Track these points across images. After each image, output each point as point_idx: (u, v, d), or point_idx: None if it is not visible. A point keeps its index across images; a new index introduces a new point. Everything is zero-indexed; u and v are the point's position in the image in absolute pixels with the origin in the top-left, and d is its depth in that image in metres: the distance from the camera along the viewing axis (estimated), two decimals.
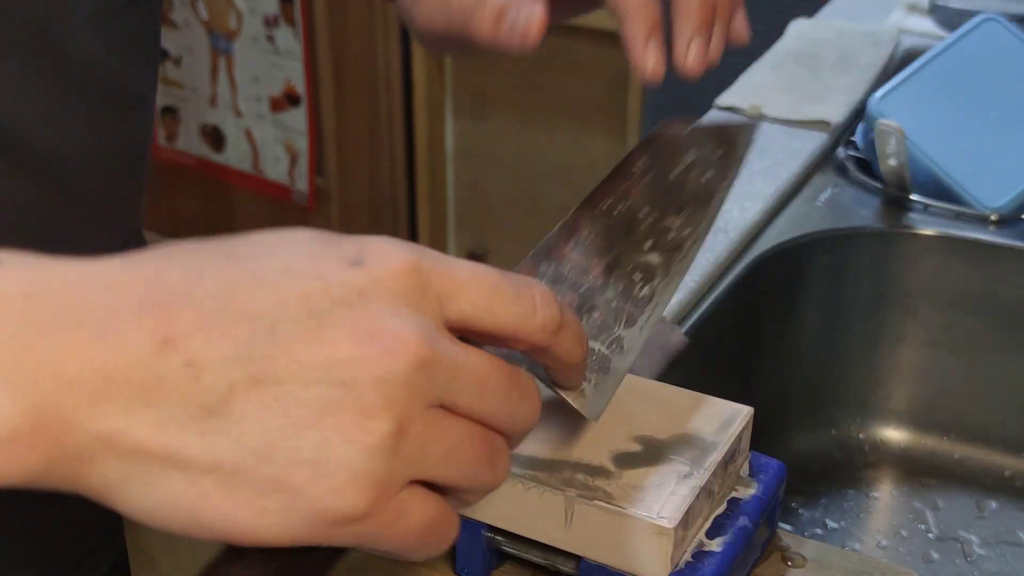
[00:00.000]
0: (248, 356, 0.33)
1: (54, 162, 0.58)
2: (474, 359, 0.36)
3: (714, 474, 0.47)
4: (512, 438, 0.38)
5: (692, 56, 0.51)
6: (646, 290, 0.48)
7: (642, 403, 0.51)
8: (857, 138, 0.98)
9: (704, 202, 0.52)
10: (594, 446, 0.48)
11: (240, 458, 0.33)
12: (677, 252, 0.50)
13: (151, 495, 0.34)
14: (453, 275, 0.37)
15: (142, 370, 0.33)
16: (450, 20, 0.53)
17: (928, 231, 0.88)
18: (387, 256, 0.36)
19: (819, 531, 0.83)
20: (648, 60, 0.51)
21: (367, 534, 0.35)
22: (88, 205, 0.62)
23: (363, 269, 0.35)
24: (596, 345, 0.44)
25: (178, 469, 0.33)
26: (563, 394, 0.43)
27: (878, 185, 0.92)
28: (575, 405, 0.43)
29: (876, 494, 0.87)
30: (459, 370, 0.35)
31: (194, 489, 0.34)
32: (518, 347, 0.38)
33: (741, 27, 0.55)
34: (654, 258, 0.49)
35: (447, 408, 0.36)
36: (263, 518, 0.34)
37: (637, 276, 0.48)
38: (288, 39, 2.36)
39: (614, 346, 0.45)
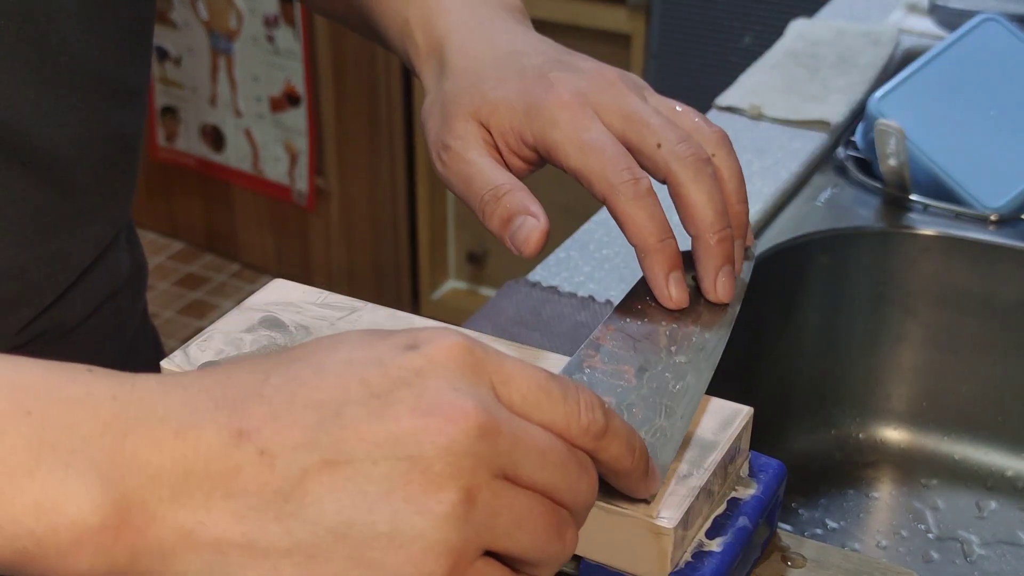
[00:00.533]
0: (317, 441, 0.35)
1: (45, 153, 0.59)
2: (533, 430, 0.37)
3: (714, 474, 0.47)
4: (575, 512, 0.39)
5: (721, 289, 0.55)
6: (680, 385, 0.50)
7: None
8: (857, 138, 0.98)
9: (718, 310, 0.55)
10: None
11: (318, 539, 0.35)
12: (702, 351, 0.52)
13: None
14: (504, 364, 0.38)
15: (219, 462, 0.35)
16: (468, 197, 0.55)
17: (928, 231, 0.88)
18: (440, 339, 0.37)
19: (819, 531, 0.83)
20: (671, 295, 0.54)
21: None
22: (80, 196, 0.62)
23: (418, 352, 0.37)
24: (640, 434, 0.45)
25: (258, 558, 0.35)
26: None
27: (878, 185, 0.92)
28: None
29: (876, 494, 0.87)
30: (519, 439, 0.37)
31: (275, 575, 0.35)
32: None
33: (750, 239, 0.59)
34: (681, 359, 0.51)
35: (510, 479, 0.37)
36: None
37: (668, 375, 0.50)
38: (288, 39, 2.36)
39: (657, 435, 0.47)
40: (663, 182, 0.54)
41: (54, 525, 0.34)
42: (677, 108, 0.56)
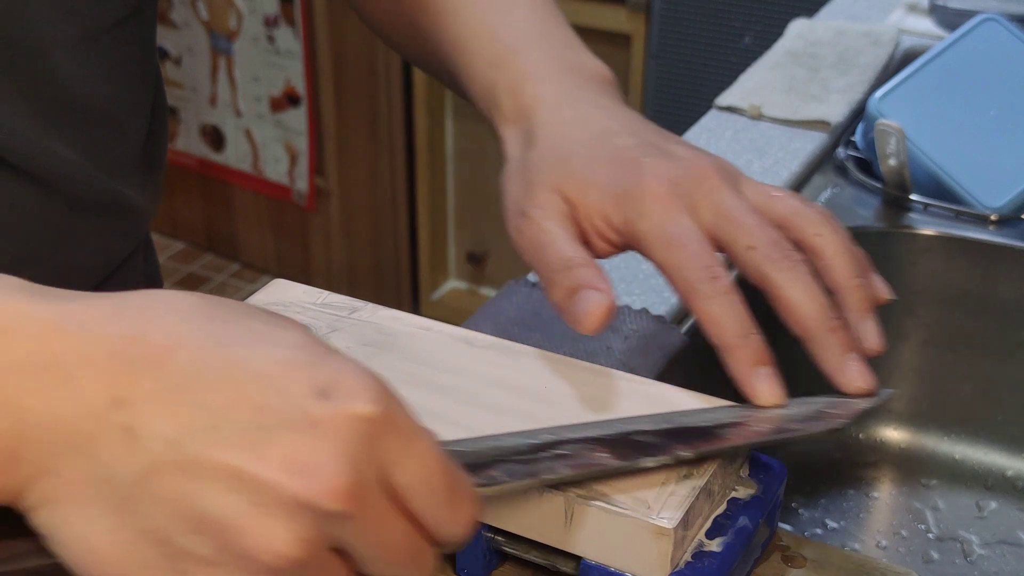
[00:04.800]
0: (184, 442, 0.35)
1: (49, 174, 0.58)
2: (392, 523, 0.37)
3: (714, 474, 0.47)
4: None
5: (857, 378, 0.52)
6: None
7: (642, 403, 0.51)
8: (857, 138, 0.98)
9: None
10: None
11: (137, 537, 0.35)
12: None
13: (59, 529, 0.36)
14: (408, 448, 0.37)
15: (89, 421, 0.35)
16: (537, 266, 0.54)
17: (928, 231, 0.88)
18: (355, 399, 0.36)
19: (819, 531, 0.83)
20: (760, 391, 0.51)
21: None
22: (92, 214, 0.61)
23: (326, 404, 0.36)
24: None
25: (85, 530, 0.36)
26: None
27: (878, 185, 0.92)
28: None
29: (876, 494, 0.87)
30: (374, 529, 0.36)
31: (89, 542, 0.36)
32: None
33: (879, 289, 0.55)
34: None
35: (350, 559, 0.37)
36: None
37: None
38: (288, 39, 2.36)
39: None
40: (758, 286, 0.53)
41: None
42: (773, 194, 0.54)
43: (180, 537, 0.35)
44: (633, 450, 0.46)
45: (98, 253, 0.64)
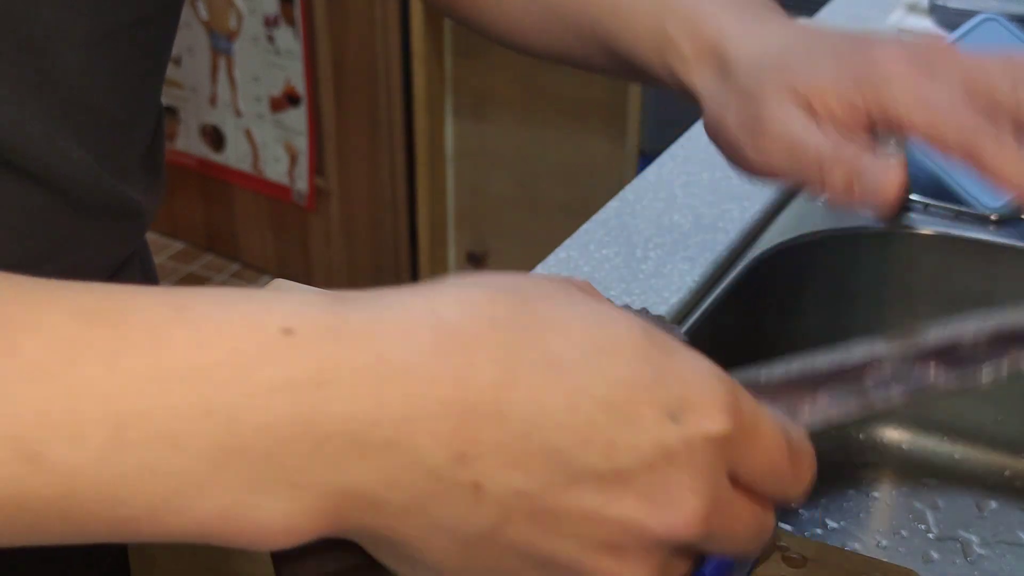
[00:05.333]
0: (536, 493, 0.32)
1: (57, 176, 0.58)
2: (735, 526, 0.35)
3: None
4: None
5: None
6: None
7: None
8: None
9: None
10: None
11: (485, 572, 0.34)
12: None
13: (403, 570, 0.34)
14: (756, 441, 0.35)
15: (429, 482, 0.32)
16: (797, 167, 0.52)
17: (928, 231, 0.88)
18: (707, 417, 0.33)
19: (819, 531, 0.83)
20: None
21: None
22: (95, 217, 0.61)
23: (679, 428, 0.33)
24: None
25: (431, 571, 0.34)
26: None
27: None
28: None
29: (876, 494, 0.87)
30: (724, 530, 0.35)
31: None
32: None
33: None
34: None
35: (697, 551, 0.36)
36: None
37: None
38: (288, 39, 2.35)
39: None
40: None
41: (240, 529, 0.32)
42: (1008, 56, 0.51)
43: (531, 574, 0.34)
44: (965, 361, 0.43)
45: (100, 256, 0.64)
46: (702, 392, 0.34)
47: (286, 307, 0.33)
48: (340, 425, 0.31)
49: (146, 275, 0.72)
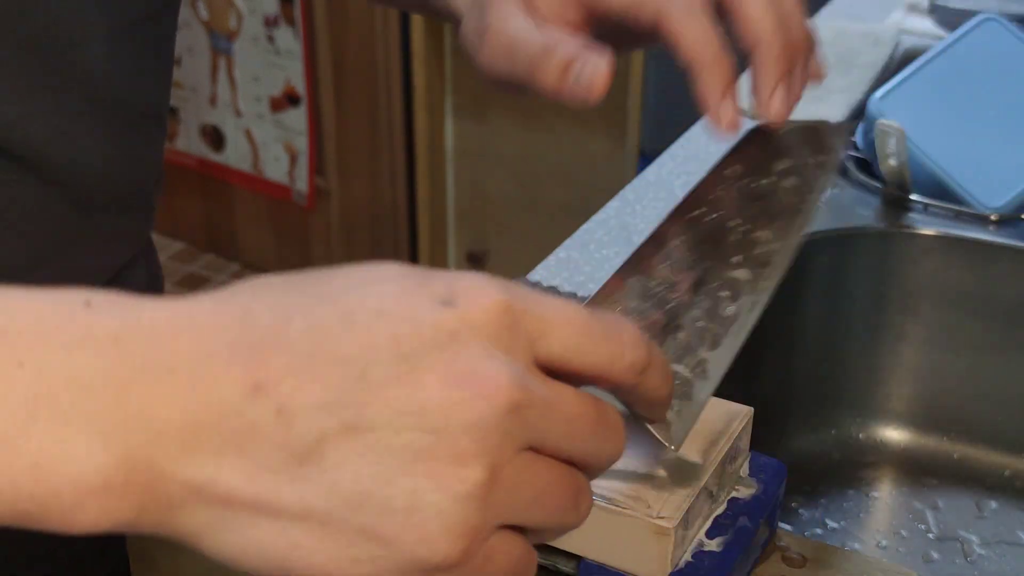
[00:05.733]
0: (339, 402, 0.33)
1: (65, 173, 0.58)
2: (564, 398, 0.36)
3: (714, 474, 0.47)
4: (594, 474, 0.38)
5: (777, 106, 0.53)
6: (732, 308, 0.47)
7: None
8: (857, 138, 0.98)
9: (794, 213, 0.51)
10: None
11: (331, 507, 0.33)
12: (765, 267, 0.49)
13: (241, 542, 0.34)
14: (543, 315, 0.36)
15: (233, 418, 0.33)
16: (515, 67, 0.53)
17: (928, 231, 0.88)
18: (478, 295, 0.35)
19: (819, 531, 0.83)
20: (724, 115, 0.51)
21: None
22: (100, 215, 0.61)
23: (454, 310, 0.34)
24: (680, 369, 0.44)
25: (268, 518, 0.33)
26: (647, 425, 0.42)
27: (878, 185, 0.92)
28: (659, 436, 0.42)
29: (876, 494, 0.87)
30: (549, 410, 0.35)
31: (284, 538, 0.34)
32: (604, 386, 0.38)
33: (817, 67, 0.56)
34: (742, 274, 0.49)
35: (536, 449, 0.35)
36: (354, 568, 0.34)
37: (724, 293, 0.47)
38: (288, 39, 2.36)
39: (698, 370, 0.44)
40: (655, 24, 0.52)
41: (55, 488, 0.32)
42: None
43: (373, 498, 0.33)
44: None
45: (105, 255, 0.64)
46: (470, 282, 0.35)
47: (87, 290, 0.35)
48: (140, 374, 0.33)
49: (151, 276, 0.72)
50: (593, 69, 0.50)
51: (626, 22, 0.52)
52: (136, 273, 0.69)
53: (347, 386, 0.33)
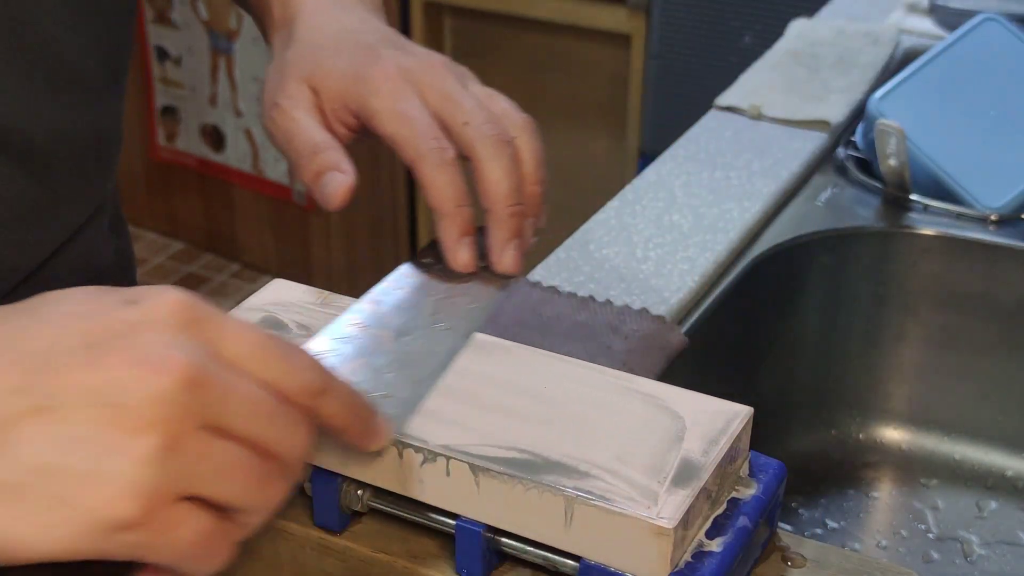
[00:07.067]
0: (31, 386, 0.37)
1: (21, 144, 0.60)
2: (245, 384, 0.39)
3: (714, 474, 0.47)
4: (287, 464, 0.41)
5: (507, 261, 0.58)
6: (434, 348, 0.53)
7: (642, 403, 0.51)
8: (857, 138, 0.98)
9: (490, 286, 0.58)
10: (594, 446, 0.48)
11: (22, 478, 0.37)
12: (465, 319, 0.56)
13: None
14: (222, 323, 0.40)
15: None
16: (286, 150, 0.59)
17: (928, 231, 0.88)
18: (160, 296, 0.40)
19: (819, 531, 0.83)
20: (459, 257, 0.57)
21: (142, 543, 0.38)
22: (55, 184, 0.63)
23: (138, 306, 0.39)
24: (372, 394, 0.49)
25: None
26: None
27: (878, 185, 0.92)
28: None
29: (876, 494, 0.87)
30: (229, 392, 0.39)
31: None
32: (285, 406, 0.41)
33: (542, 221, 0.61)
34: (442, 325, 0.55)
35: (218, 430, 0.39)
36: (46, 532, 0.37)
37: (424, 340, 0.54)
38: None
39: (388, 396, 0.49)
40: (467, 159, 0.57)
41: None
42: (492, 94, 0.60)
43: (60, 466, 0.37)
44: None
45: (60, 223, 0.65)
46: (156, 288, 0.40)
47: None
48: None
49: (118, 250, 0.74)
50: (337, 185, 0.56)
51: (392, 148, 0.58)
52: (97, 241, 0.70)
53: (39, 372, 0.37)
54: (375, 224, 2.43)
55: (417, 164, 0.56)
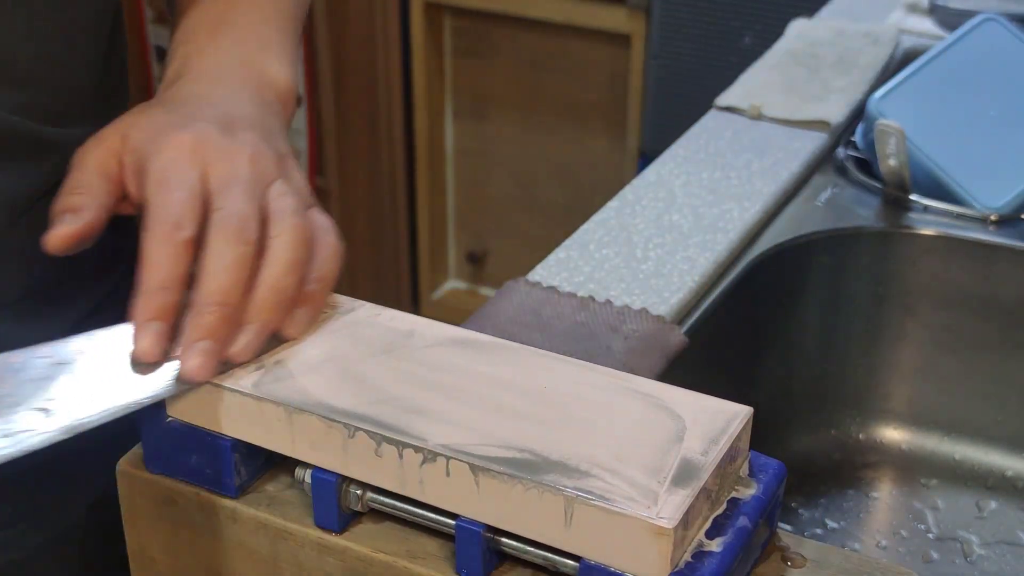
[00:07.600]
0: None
1: (34, 85, 0.61)
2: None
3: (713, 474, 0.47)
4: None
5: (189, 364, 0.50)
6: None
7: (641, 403, 0.51)
8: (857, 138, 0.98)
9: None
10: (594, 446, 0.48)
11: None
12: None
13: None
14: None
15: None
16: (68, 180, 0.56)
17: (928, 231, 0.88)
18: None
19: (819, 531, 0.83)
20: (140, 341, 0.50)
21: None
22: (70, 125, 0.64)
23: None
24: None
25: None
26: None
27: (878, 185, 0.92)
28: None
29: (876, 494, 0.87)
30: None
31: None
32: None
33: (297, 325, 0.54)
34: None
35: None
36: None
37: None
38: None
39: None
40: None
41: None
42: (284, 193, 0.56)
43: None
44: None
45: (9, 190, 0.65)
46: None
47: None
48: None
49: None
50: (59, 231, 0.53)
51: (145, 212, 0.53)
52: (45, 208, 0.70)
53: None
54: (375, 224, 2.43)
55: (145, 233, 0.51)
